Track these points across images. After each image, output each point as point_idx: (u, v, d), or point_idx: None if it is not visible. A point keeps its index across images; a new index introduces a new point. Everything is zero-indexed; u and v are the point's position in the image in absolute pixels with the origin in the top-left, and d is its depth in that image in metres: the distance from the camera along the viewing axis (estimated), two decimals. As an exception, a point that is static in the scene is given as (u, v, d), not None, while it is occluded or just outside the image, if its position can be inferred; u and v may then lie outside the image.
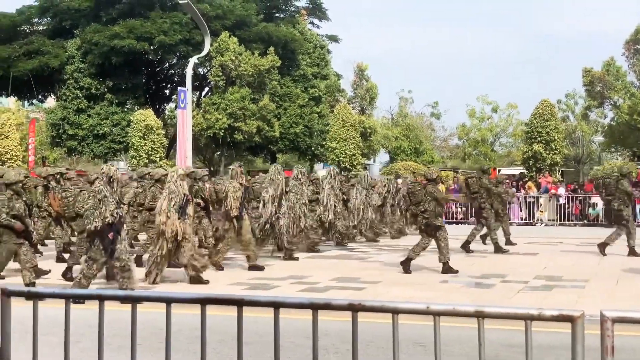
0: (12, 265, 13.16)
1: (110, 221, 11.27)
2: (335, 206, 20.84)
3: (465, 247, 19.31)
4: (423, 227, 15.12)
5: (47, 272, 14.47)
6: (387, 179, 26.79)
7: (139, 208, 16.40)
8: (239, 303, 3.77)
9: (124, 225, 11.95)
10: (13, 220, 12.16)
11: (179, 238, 13.05)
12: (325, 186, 20.77)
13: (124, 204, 12.25)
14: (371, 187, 23.87)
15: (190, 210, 13.30)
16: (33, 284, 12.24)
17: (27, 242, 12.49)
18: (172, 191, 13.11)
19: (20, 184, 13.16)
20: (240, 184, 15.48)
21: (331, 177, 21.16)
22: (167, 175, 14.90)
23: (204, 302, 3.84)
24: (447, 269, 14.86)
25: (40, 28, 47.71)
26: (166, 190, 13.29)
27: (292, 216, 17.83)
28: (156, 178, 16.23)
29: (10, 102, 59.84)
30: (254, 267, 15.49)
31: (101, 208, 11.24)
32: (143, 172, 17.88)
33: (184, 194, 13.15)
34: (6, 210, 12.13)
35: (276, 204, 17.45)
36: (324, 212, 20.60)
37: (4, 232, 12.25)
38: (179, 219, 12.99)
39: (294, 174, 18.65)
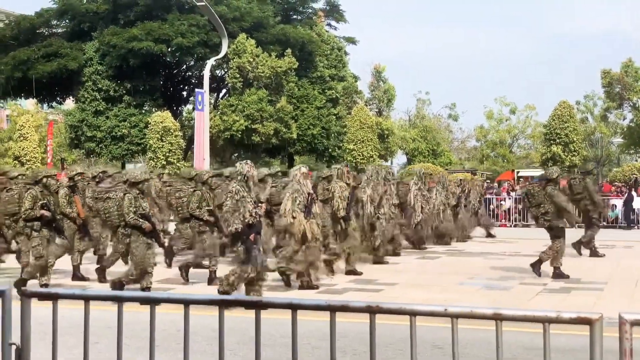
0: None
1: (250, 222, 10.81)
2: (422, 209, 20.18)
3: (594, 252, 18.53)
4: (546, 230, 14.54)
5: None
6: (462, 179, 26.42)
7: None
8: (257, 305, 3.79)
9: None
10: (141, 220, 11.85)
11: (308, 238, 12.46)
12: (412, 188, 20.03)
13: (261, 202, 11.86)
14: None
15: (315, 209, 12.80)
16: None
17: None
18: (296, 190, 12.47)
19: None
20: (347, 184, 14.64)
21: (418, 179, 20.50)
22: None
23: (222, 303, 3.86)
24: (557, 274, 14.40)
25: (59, 30, 47.91)
26: (289, 189, 12.55)
27: (387, 218, 17.24)
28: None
29: (30, 104, 60.16)
30: (351, 272, 14.83)
31: (240, 209, 10.75)
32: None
33: (308, 193, 12.53)
34: (133, 210, 11.84)
35: (375, 204, 16.66)
36: (410, 215, 19.78)
37: (133, 232, 11.95)
38: (305, 218, 12.43)
39: (378, 176, 17.67)
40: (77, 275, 14.56)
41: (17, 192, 13.21)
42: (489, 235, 25.32)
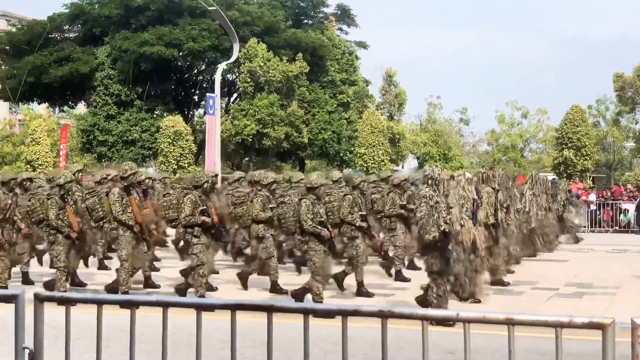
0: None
1: (446, 229, 10.33)
2: (537, 214, 19.03)
3: None
4: None
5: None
6: (553, 179, 25.18)
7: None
8: (269, 309, 3.79)
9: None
10: (319, 227, 11.52)
11: (478, 246, 11.76)
12: (526, 192, 18.43)
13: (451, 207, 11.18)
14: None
15: (481, 214, 12.16)
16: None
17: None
18: (462, 197, 11.56)
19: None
20: (493, 188, 13.87)
21: (533, 183, 19.25)
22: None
23: (234, 308, 3.86)
24: None
25: (71, 35, 48.09)
26: (454, 196, 11.31)
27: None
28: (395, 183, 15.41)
29: (42, 108, 60.41)
30: (497, 282, 14.15)
31: (434, 215, 10.25)
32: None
33: (473, 199, 11.88)
34: (311, 216, 11.50)
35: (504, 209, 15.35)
36: (525, 220, 18.07)
37: (311, 239, 11.59)
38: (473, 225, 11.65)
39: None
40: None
41: (174, 197, 12.70)
42: (576, 240, 23.99)
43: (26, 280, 14.75)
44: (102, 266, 16.82)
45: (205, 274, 12.18)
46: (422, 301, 10.67)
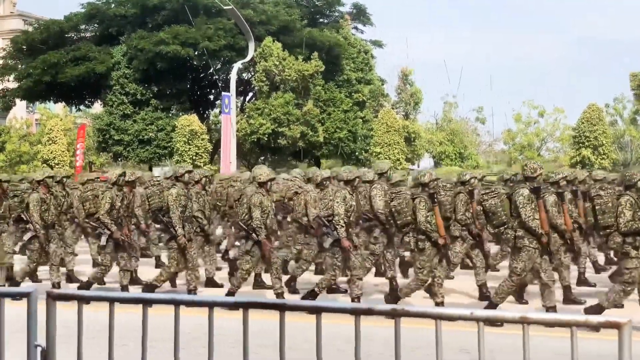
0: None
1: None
2: None
3: None
4: None
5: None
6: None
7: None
8: (281, 307, 3.77)
9: None
10: (431, 227, 11.15)
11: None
12: None
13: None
14: None
15: None
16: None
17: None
18: None
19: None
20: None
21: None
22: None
23: (246, 306, 3.85)
24: None
25: (87, 34, 48.29)
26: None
27: None
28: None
29: (58, 107, 60.69)
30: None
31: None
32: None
33: None
34: (427, 214, 11.20)
35: None
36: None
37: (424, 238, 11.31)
38: None
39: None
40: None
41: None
42: None
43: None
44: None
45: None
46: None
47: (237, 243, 14.13)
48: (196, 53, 43.23)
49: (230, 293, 12.07)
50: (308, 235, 13.16)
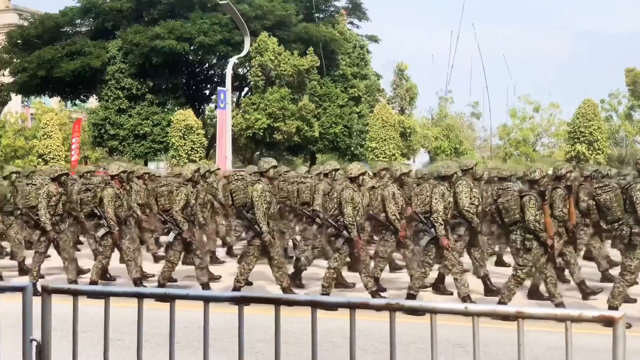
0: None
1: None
2: None
3: None
4: None
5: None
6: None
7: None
8: (277, 302, 3.77)
9: None
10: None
11: None
12: None
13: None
14: None
15: None
16: None
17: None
18: None
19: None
20: None
21: None
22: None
23: (241, 301, 3.85)
24: None
25: (83, 29, 48.17)
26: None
27: None
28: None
29: (53, 102, 60.53)
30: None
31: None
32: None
33: None
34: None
35: None
36: None
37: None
38: None
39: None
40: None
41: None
42: None
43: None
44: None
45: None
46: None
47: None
48: (192, 48, 43.18)
49: (325, 293, 11.62)
50: (387, 232, 12.59)
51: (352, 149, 45.70)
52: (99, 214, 12.84)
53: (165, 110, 44.39)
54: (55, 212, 13.03)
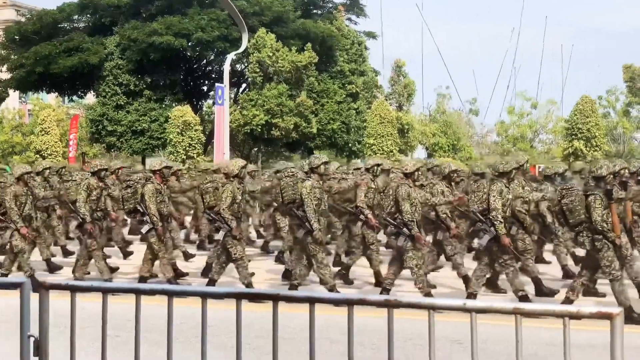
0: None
1: None
2: None
3: None
4: None
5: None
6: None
7: None
8: (275, 298, 3.77)
9: None
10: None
11: None
12: None
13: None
14: None
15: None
16: None
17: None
18: None
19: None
20: None
21: None
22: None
23: (239, 297, 3.85)
24: None
25: (80, 25, 48.08)
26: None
27: None
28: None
29: (51, 98, 60.45)
30: None
31: None
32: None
33: None
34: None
35: None
36: None
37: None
38: None
39: None
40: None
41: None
42: None
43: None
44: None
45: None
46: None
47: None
48: (189, 44, 43.11)
49: (385, 290, 11.67)
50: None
51: (350, 145, 45.72)
52: (141, 210, 12.69)
53: (163, 106, 44.34)
54: (98, 206, 13.10)
